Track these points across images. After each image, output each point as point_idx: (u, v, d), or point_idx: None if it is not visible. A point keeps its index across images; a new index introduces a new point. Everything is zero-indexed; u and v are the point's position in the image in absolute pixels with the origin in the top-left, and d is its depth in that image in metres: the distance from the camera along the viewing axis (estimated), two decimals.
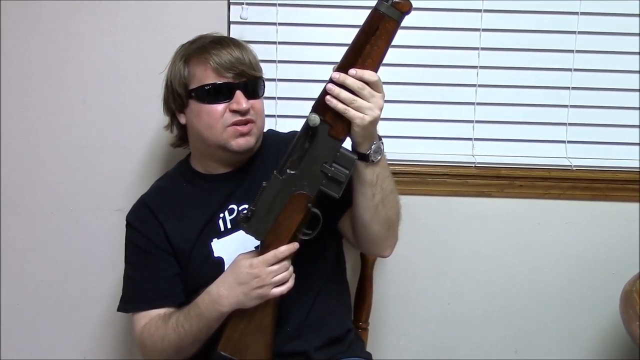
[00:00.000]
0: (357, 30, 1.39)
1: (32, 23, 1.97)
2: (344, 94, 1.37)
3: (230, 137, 1.61)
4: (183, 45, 1.69)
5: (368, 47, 1.37)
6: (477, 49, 2.04)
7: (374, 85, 1.38)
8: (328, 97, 1.38)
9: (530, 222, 2.11)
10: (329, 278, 1.72)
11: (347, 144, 1.45)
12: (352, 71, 1.37)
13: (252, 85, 1.63)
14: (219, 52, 1.60)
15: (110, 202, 2.05)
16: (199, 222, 1.67)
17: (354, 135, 1.42)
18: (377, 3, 1.35)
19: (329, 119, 1.40)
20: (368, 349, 1.87)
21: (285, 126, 1.84)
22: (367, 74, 1.37)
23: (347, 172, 1.43)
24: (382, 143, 1.47)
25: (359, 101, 1.37)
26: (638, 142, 2.10)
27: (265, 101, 1.71)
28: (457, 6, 2.02)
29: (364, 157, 1.45)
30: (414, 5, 1.37)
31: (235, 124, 1.60)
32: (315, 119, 1.39)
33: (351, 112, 1.37)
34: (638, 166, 2.08)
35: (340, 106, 1.37)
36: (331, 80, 1.38)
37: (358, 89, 1.36)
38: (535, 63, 2.06)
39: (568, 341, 2.17)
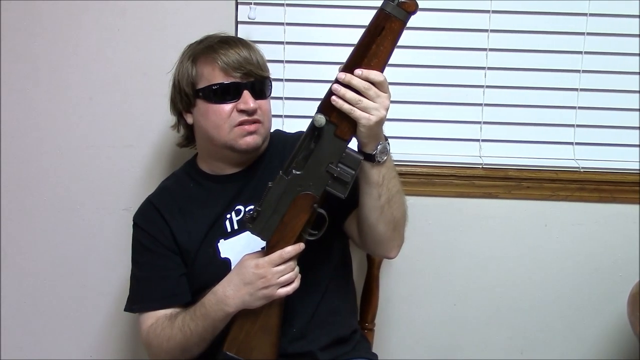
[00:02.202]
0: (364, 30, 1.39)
1: (38, 21, 1.98)
2: (350, 94, 1.37)
3: (237, 137, 1.61)
4: (190, 45, 1.70)
5: (374, 47, 1.36)
6: (484, 50, 2.04)
7: (380, 86, 1.37)
8: (334, 97, 1.38)
9: (537, 223, 2.10)
10: (334, 278, 1.72)
11: (353, 144, 1.45)
12: (357, 71, 1.36)
13: (260, 85, 1.64)
14: (226, 52, 1.60)
15: (116, 201, 2.06)
16: (205, 223, 1.67)
17: (360, 136, 1.41)
18: (383, 3, 1.35)
19: (334, 119, 1.40)
20: (374, 350, 1.87)
21: (293, 126, 1.84)
22: (373, 74, 1.36)
23: (353, 172, 1.43)
24: (388, 143, 1.46)
25: (365, 101, 1.37)
26: None
27: (272, 101, 1.71)
28: (465, 7, 2.02)
29: (370, 158, 1.44)
30: (421, 6, 1.37)
31: (242, 123, 1.60)
32: (321, 119, 1.39)
33: (357, 113, 1.37)
34: None
35: (346, 106, 1.37)
36: (337, 81, 1.38)
37: (364, 89, 1.36)
38: (543, 64, 2.05)
39: (574, 343, 2.17)
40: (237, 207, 1.68)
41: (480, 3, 2.02)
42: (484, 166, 2.07)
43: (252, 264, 1.50)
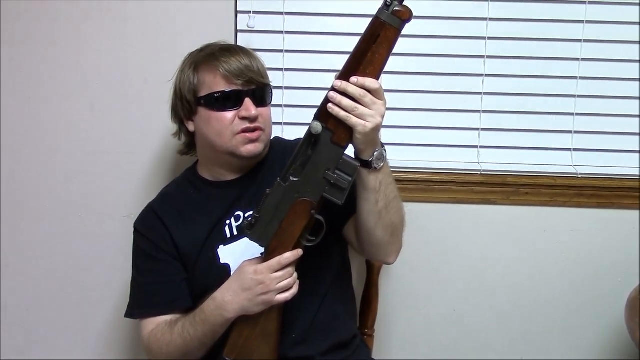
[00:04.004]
0: None
1: (40, 29, 1.99)
2: (346, 101, 1.38)
3: (239, 144, 1.62)
4: (191, 54, 1.71)
5: (369, 54, 1.38)
6: (482, 56, 2.05)
7: (376, 93, 1.39)
8: (330, 104, 1.39)
9: (535, 229, 2.11)
10: (334, 283, 1.73)
11: (350, 151, 1.46)
12: (353, 79, 1.38)
13: (260, 93, 1.65)
14: (228, 60, 1.62)
15: (118, 208, 2.07)
16: (205, 228, 1.68)
17: (357, 142, 1.43)
18: (377, 11, 1.37)
19: (331, 126, 1.41)
20: (374, 356, 1.88)
21: (292, 134, 1.86)
22: (369, 82, 1.38)
23: (350, 178, 1.44)
24: (385, 150, 1.48)
25: (361, 109, 1.38)
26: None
27: (272, 109, 1.72)
28: (463, 14, 2.03)
29: (367, 164, 1.45)
30: (420, 13, 1.38)
31: (244, 131, 1.62)
32: (318, 126, 1.41)
33: (353, 120, 1.38)
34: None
35: (342, 114, 1.39)
36: (333, 88, 1.40)
37: (359, 97, 1.38)
38: (541, 70, 2.06)
39: (574, 347, 2.16)
40: (237, 213, 1.69)
41: (477, 10, 2.03)
42: (483, 172, 2.07)
43: (250, 270, 1.51)
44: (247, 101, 1.62)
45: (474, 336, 2.17)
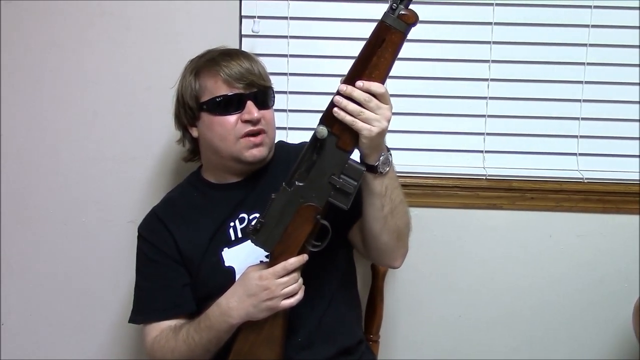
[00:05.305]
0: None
1: (44, 36, 1.99)
2: (351, 106, 1.38)
3: (243, 149, 1.62)
4: (192, 60, 1.71)
5: (375, 59, 1.37)
6: (488, 61, 2.04)
7: (381, 97, 1.38)
8: (335, 109, 1.39)
9: (541, 234, 2.10)
10: (339, 287, 1.72)
11: (356, 155, 1.46)
12: (359, 83, 1.37)
13: (262, 96, 1.65)
14: (228, 64, 1.62)
15: (122, 213, 2.07)
16: (209, 230, 1.68)
17: (362, 147, 1.42)
18: (383, 15, 1.36)
19: (336, 131, 1.41)
20: None
21: (297, 138, 1.85)
22: (374, 86, 1.37)
23: (355, 183, 1.43)
24: (391, 154, 1.47)
25: (366, 113, 1.37)
26: None
27: (276, 113, 1.72)
28: (468, 19, 2.03)
29: (372, 169, 1.45)
30: (425, 18, 1.38)
31: (248, 134, 1.62)
32: (323, 130, 1.40)
33: (359, 124, 1.38)
34: None
35: (347, 118, 1.38)
36: (338, 92, 1.39)
37: (365, 101, 1.37)
38: (546, 75, 2.05)
39: (580, 353, 2.15)
40: (241, 215, 1.68)
41: (482, 15, 2.02)
42: (488, 177, 2.07)
43: (255, 275, 1.50)
44: (249, 104, 1.62)
45: (479, 341, 2.16)
